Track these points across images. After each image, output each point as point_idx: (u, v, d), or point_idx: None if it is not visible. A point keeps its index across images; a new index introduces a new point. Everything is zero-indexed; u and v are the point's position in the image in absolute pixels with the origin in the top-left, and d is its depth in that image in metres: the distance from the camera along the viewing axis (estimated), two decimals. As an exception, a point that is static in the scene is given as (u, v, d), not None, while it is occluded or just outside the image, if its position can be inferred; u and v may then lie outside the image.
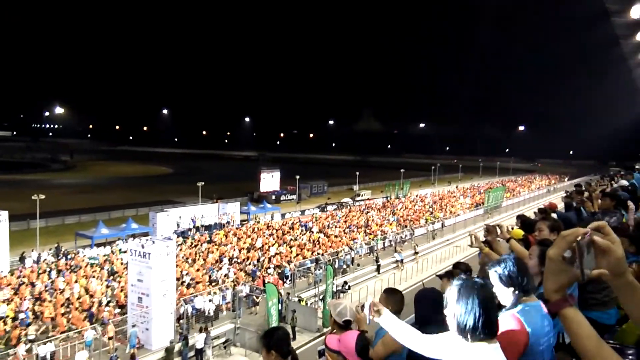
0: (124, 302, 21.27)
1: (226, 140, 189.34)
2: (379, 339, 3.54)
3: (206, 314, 21.38)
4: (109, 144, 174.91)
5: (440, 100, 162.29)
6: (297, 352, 3.38)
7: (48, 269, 26.40)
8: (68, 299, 21.60)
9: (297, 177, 58.16)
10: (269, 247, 32.19)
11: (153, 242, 19.94)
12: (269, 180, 62.08)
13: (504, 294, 2.67)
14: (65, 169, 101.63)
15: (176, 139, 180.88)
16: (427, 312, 3.59)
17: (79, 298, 21.68)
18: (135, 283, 19.40)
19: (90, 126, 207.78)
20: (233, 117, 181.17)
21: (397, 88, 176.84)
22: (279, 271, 27.06)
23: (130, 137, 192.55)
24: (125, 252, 26.84)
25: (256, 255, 30.51)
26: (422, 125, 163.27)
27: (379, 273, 29.50)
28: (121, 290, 22.61)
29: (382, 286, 26.31)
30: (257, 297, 23.40)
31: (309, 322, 21.48)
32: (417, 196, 61.95)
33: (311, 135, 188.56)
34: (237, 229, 39.39)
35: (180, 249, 30.71)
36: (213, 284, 24.54)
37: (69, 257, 29.61)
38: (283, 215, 47.29)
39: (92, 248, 31.76)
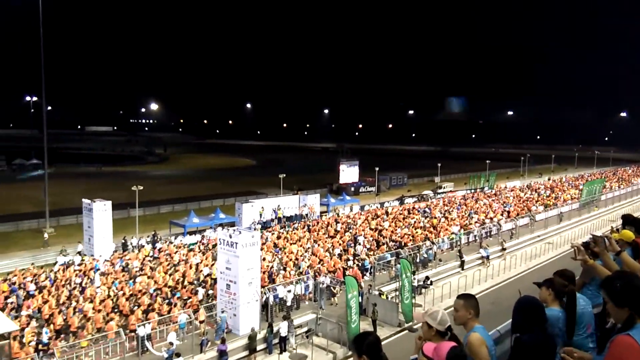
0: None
1: (305, 132, 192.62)
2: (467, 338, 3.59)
3: (287, 303, 21.96)
4: (197, 137, 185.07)
5: (531, 86, 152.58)
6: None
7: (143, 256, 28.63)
8: (166, 284, 23.27)
9: (377, 168, 57.71)
10: (395, 229, 34.83)
11: (239, 232, 20.78)
12: (348, 172, 62.21)
13: (617, 314, 2.46)
14: (159, 161, 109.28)
15: (258, 132, 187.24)
16: (525, 322, 3.59)
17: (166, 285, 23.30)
18: (224, 270, 20.39)
19: (181, 121, 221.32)
20: (312, 109, 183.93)
21: (482, 75, 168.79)
22: (359, 264, 27.09)
23: (217, 131, 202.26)
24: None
25: (375, 235, 33.29)
26: (510, 113, 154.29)
27: (462, 269, 28.47)
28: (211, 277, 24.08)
29: (466, 283, 25.44)
30: (334, 288, 23.62)
31: (390, 316, 21.29)
32: (526, 186, 60.28)
33: (390, 125, 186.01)
34: (356, 213, 42.31)
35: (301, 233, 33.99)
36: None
37: (157, 245, 31.56)
38: (362, 207, 47.20)
39: (185, 236, 33.90)
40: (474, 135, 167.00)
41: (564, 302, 4.14)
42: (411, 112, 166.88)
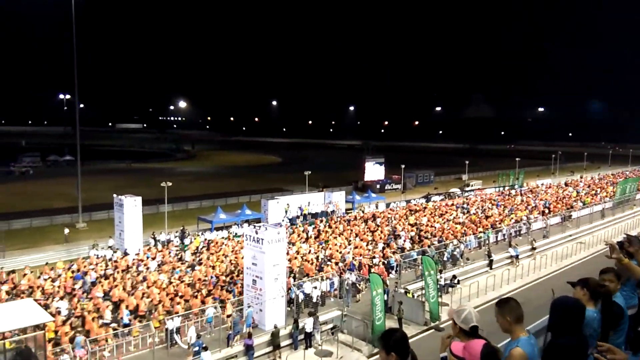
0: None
1: (331, 130, 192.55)
2: (509, 351, 3.46)
3: (313, 300, 22.02)
4: (224, 134, 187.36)
5: (562, 81, 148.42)
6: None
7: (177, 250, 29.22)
8: (200, 279, 23.85)
9: (403, 166, 57.24)
10: (432, 224, 35.55)
11: (265, 228, 20.94)
12: (374, 169, 61.88)
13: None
14: (187, 158, 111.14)
15: (284, 129, 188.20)
16: (565, 324, 3.48)
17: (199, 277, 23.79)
18: (250, 266, 20.60)
19: (209, 118, 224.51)
20: (338, 107, 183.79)
21: (510, 71, 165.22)
22: (385, 262, 26.95)
23: (243, 128, 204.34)
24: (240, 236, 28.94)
25: (414, 230, 33.97)
26: (540, 109, 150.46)
27: (491, 268, 27.96)
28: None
29: (494, 282, 24.99)
30: (359, 285, 23.54)
31: (416, 314, 21.10)
32: (564, 183, 59.89)
33: (416, 122, 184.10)
34: (391, 209, 43.00)
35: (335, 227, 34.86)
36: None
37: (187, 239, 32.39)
38: (388, 205, 46.89)
39: (212, 232, 34.39)
40: (502, 132, 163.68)
41: (599, 302, 4.04)
42: (438, 108, 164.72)
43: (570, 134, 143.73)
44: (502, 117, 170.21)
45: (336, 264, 25.97)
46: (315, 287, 22.32)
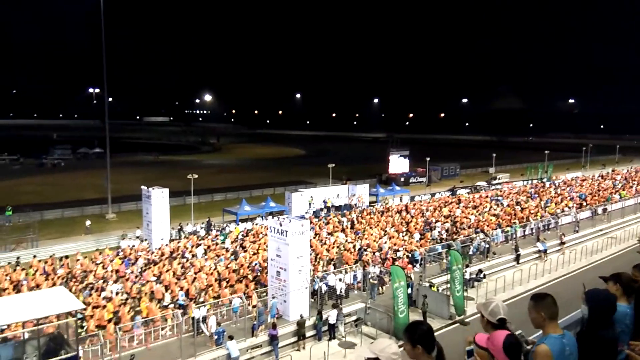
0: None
1: (355, 122, 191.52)
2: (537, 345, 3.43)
3: (337, 292, 22.08)
4: (248, 127, 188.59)
5: (593, 72, 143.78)
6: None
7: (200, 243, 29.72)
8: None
9: (427, 158, 56.65)
10: (466, 216, 35.70)
11: (290, 220, 21.07)
12: (398, 162, 61.39)
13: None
14: (213, 150, 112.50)
15: (308, 122, 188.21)
16: (602, 315, 3.49)
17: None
18: (274, 258, 20.79)
19: (233, 111, 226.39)
20: (362, 99, 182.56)
21: (540, 61, 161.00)
22: (409, 255, 26.81)
23: (267, 121, 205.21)
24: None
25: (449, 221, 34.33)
26: (571, 101, 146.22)
27: (518, 263, 27.48)
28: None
29: (521, 277, 24.57)
30: (384, 277, 23.50)
31: (440, 308, 20.94)
32: (600, 175, 58.86)
33: (442, 115, 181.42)
34: (425, 201, 43.64)
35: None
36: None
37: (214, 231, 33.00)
38: (412, 198, 46.52)
39: (237, 224, 34.80)
40: (531, 125, 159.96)
41: (632, 298, 3.94)
42: (465, 100, 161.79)
43: (601, 126, 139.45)
44: (531, 109, 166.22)
45: (373, 253, 26.53)
46: (340, 280, 22.39)
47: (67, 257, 26.54)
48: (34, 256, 26.37)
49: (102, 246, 30.40)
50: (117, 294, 20.94)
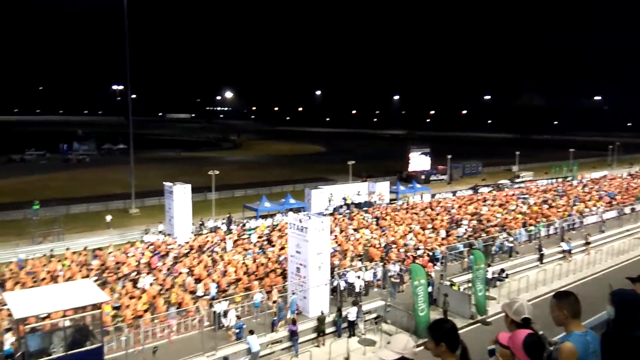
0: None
1: (375, 119, 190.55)
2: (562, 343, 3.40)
3: (356, 289, 22.03)
4: (269, 124, 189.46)
5: (620, 68, 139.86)
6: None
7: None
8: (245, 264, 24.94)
9: (449, 156, 56.04)
10: (492, 214, 35.83)
11: (309, 217, 21.09)
12: (419, 160, 60.87)
13: None
14: (233, 147, 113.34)
15: (327, 119, 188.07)
16: (630, 316, 3.41)
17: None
18: (294, 254, 20.86)
19: (254, 108, 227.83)
20: (382, 96, 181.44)
21: (564, 57, 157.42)
22: (429, 253, 26.59)
23: (287, 118, 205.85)
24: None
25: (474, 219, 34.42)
26: (597, 97, 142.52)
27: (541, 263, 26.98)
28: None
29: (545, 277, 24.12)
30: (404, 275, 23.34)
31: (462, 307, 20.71)
32: (629, 174, 58.44)
33: (464, 112, 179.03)
34: (450, 198, 43.64)
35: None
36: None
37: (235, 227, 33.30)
38: (433, 196, 46.08)
39: (257, 219, 35.02)
40: (555, 122, 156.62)
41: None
42: (487, 97, 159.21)
43: (629, 124, 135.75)
44: (556, 106, 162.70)
45: (398, 250, 26.64)
46: (359, 277, 22.34)
47: (100, 249, 27.40)
48: (67, 248, 27.20)
49: (125, 241, 30.92)
50: (150, 285, 21.59)
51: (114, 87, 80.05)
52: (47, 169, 67.31)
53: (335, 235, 29.90)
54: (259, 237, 30.27)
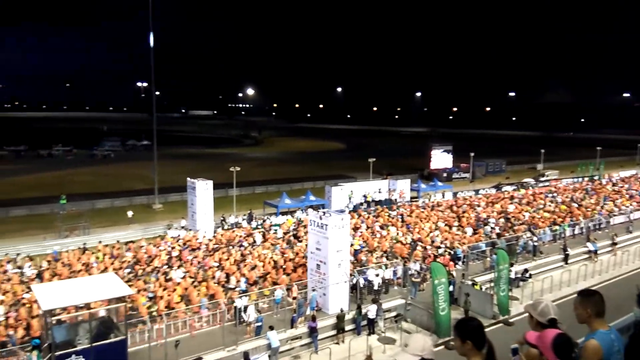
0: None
1: (396, 116, 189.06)
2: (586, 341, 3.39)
3: (374, 287, 21.96)
4: (289, 121, 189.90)
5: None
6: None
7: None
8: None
9: (472, 154, 55.27)
10: (520, 212, 35.66)
11: (329, 214, 21.08)
12: (441, 157, 60.22)
13: None
14: (254, 144, 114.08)
15: (348, 116, 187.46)
16: None
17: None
18: (314, 251, 20.89)
19: (275, 105, 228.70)
20: (403, 93, 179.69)
21: (591, 52, 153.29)
22: (451, 252, 26.31)
23: (308, 115, 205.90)
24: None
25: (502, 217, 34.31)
26: (626, 94, 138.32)
27: (566, 263, 26.42)
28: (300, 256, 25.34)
29: (569, 278, 23.63)
30: (424, 274, 23.15)
31: (483, 307, 20.42)
32: None
33: (487, 109, 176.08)
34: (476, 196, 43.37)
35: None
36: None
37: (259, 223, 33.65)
38: (455, 194, 45.53)
39: (278, 216, 35.21)
40: (582, 120, 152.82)
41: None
42: (512, 94, 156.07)
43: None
44: (582, 103, 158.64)
45: (425, 248, 26.56)
46: (377, 275, 22.26)
47: (132, 242, 28.20)
48: (100, 241, 28.01)
49: (149, 235, 31.46)
50: (183, 277, 22.16)
51: (139, 84, 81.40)
52: (74, 164, 68.93)
53: (362, 232, 29.95)
54: (285, 233, 30.63)
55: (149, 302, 19.37)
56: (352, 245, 26.71)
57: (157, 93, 56.53)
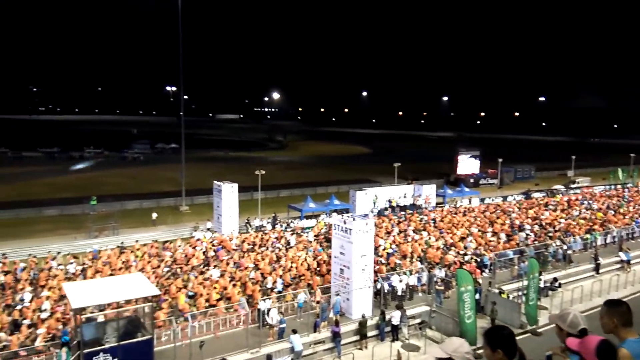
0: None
1: (422, 121, 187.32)
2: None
3: (398, 293, 21.76)
4: (314, 125, 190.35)
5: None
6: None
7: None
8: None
9: (500, 159, 54.29)
10: (555, 218, 35.10)
11: (354, 218, 21.01)
12: (468, 163, 59.36)
13: None
14: (279, 147, 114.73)
15: (374, 120, 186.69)
16: None
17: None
18: (338, 255, 20.84)
19: (300, 109, 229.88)
20: (430, 97, 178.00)
21: (625, 56, 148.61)
22: (477, 259, 25.85)
23: (333, 119, 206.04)
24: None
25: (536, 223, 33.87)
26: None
27: (597, 273, 25.62)
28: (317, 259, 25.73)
29: (600, 288, 22.90)
30: (450, 281, 22.82)
31: (511, 316, 19.97)
32: None
33: (516, 113, 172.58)
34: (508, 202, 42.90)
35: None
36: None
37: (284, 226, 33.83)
38: (482, 200, 44.77)
39: (302, 220, 35.30)
40: (615, 125, 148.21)
41: None
42: (542, 98, 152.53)
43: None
44: (616, 108, 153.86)
45: (457, 253, 26.40)
46: (401, 281, 22.05)
47: (170, 242, 28.94)
48: (137, 241, 28.83)
49: (176, 237, 31.96)
50: (221, 276, 22.63)
51: (168, 88, 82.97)
52: (105, 166, 70.72)
53: (394, 236, 29.79)
54: (316, 236, 30.81)
55: (189, 300, 19.98)
56: (384, 248, 26.71)
57: (186, 97, 57.57)
